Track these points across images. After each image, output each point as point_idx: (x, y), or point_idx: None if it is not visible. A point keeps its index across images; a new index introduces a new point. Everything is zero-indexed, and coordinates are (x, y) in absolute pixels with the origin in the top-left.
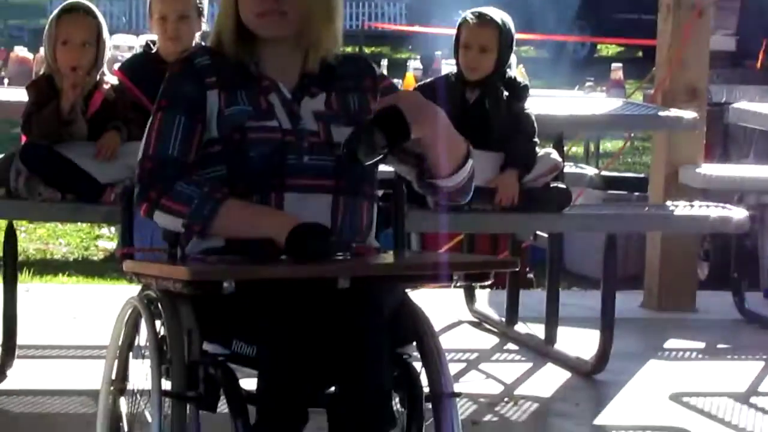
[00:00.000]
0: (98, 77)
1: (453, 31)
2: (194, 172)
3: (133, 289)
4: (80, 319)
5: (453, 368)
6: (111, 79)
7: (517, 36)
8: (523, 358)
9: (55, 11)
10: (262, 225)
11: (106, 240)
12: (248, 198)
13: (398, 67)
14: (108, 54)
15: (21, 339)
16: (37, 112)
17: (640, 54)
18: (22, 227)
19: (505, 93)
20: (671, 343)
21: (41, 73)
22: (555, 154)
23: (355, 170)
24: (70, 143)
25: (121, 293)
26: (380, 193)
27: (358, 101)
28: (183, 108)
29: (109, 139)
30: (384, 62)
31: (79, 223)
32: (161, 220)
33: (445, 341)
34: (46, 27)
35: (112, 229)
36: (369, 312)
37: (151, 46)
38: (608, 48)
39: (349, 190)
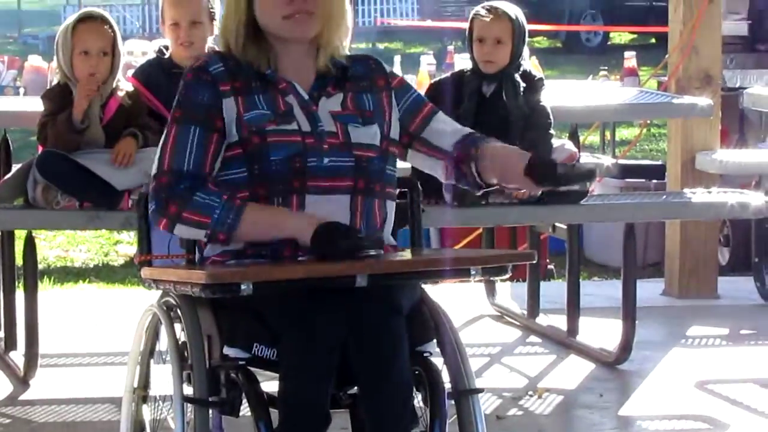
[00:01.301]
0: (114, 84)
1: (465, 25)
2: (209, 180)
3: (154, 294)
4: (102, 326)
5: (475, 363)
6: (126, 86)
7: (529, 27)
8: (545, 351)
9: (70, 20)
10: (286, 226)
11: (126, 245)
12: (269, 201)
13: (412, 63)
14: (122, 61)
15: (43, 348)
16: (52, 121)
17: (654, 41)
18: (41, 235)
19: (522, 85)
20: (694, 331)
21: (56, 81)
22: (570, 145)
23: (373, 170)
24: (87, 151)
25: (143, 298)
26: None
27: (372, 101)
28: (198, 119)
29: (125, 146)
30: (397, 58)
31: (98, 230)
32: (183, 233)
33: (467, 336)
34: (60, 35)
35: (132, 233)
36: (387, 310)
37: (164, 51)
38: (621, 36)
39: (367, 189)
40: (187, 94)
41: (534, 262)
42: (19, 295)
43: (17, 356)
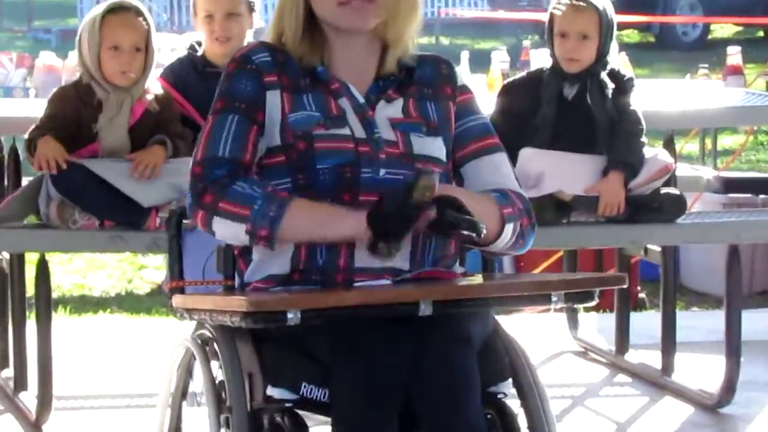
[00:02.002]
0: (146, 86)
1: (543, 17)
2: (250, 170)
3: (187, 326)
4: (125, 363)
5: (556, 406)
6: (155, 88)
7: (618, 19)
8: (636, 392)
9: (98, 10)
10: (340, 224)
11: (152, 270)
12: None
13: (481, 60)
14: (156, 58)
15: (57, 388)
16: (44, 129)
17: (761, 34)
18: (55, 259)
19: (610, 86)
20: None
21: (76, 79)
22: (665, 155)
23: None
24: (108, 162)
25: (173, 331)
26: None
27: (436, 110)
28: (237, 108)
29: (149, 155)
30: (464, 54)
31: (120, 253)
32: (222, 230)
33: (546, 375)
34: (86, 28)
35: (160, 257)
36: (456, 343)
37: (197, 47)
38: (723, 29)
39: None
40: (229, 85)
41: (625, 287)
42: (31, 327)
43: (28, 397)
